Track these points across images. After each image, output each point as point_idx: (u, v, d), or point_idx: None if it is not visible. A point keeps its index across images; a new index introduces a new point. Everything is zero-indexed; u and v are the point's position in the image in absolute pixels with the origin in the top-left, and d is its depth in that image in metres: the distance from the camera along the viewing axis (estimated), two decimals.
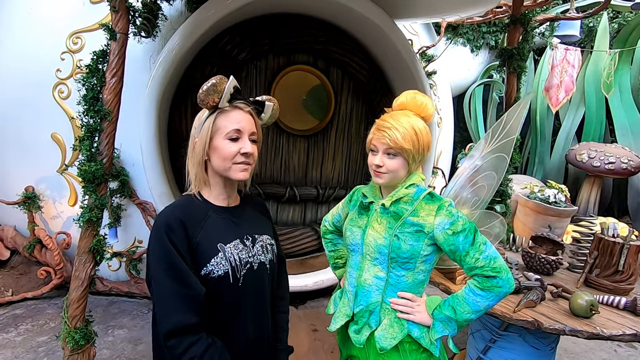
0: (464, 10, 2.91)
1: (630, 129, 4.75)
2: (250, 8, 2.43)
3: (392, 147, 1.03)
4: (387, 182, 1.09)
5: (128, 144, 2.62)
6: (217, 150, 0.96)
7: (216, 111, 0.96)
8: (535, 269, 1.98)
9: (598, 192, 4.58)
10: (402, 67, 2.89)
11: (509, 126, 1.57)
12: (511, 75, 2.41)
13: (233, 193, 1.06)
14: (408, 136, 1.03)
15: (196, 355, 0.85)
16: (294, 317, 2.83)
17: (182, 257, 0.89)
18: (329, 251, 1.40)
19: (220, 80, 0.94)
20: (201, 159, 0.97)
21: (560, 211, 3.44)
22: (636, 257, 1.76)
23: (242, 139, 0.97)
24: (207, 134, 0.95)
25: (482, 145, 1.67)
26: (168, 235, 0.89)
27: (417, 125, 1.05)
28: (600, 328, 1.42)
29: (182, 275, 0.88)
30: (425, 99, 1.09)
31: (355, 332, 1.14)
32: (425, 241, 1.05)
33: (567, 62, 4.22)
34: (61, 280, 2.84)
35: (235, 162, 0.97)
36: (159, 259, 0.89)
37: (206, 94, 0.93)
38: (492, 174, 1.55)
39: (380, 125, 1.06)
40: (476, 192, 1.59)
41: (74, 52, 2.70)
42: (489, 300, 1.03)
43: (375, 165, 1.08)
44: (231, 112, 0.97)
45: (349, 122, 3.33)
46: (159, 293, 0.88)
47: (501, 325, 1.76)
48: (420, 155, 1.07)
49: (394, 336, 1.08)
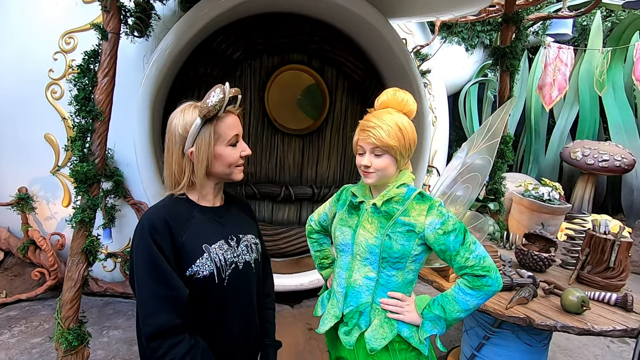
0: (458, 9, 2.91)
1: (623, 126, 4.79)
2: (244, 7, 2.43)
3: (378, 145, 1.04)
4: (377, 182, 1.09)
5: (122, 144, 2.61)
6: (221, 157, 0.97)
7: (213, 119, 0.95)
8: (528, 266, 1.99)
9: (592, 190, 4.62)
10: (396, 66, 2.89)
11: (494, 129, 1.60)
12: (504, 74, 2.43)
13: (220, 193, 1.07)
14: (393, 133, 1.03)
15: (177, 357, 0.85)
16: (290, 316, 2.84)
17: (166, 258, 0.88)
18: (314, 251, 1.38)
19: (225, 92, 0.93)
20: (206, 168, 0.96)
21: (554, 209, 3.46)
22: (627, 254, 1.78)
23: (240, 142, 1.00)
24: (210, 143, 0.94)
25: (468, 146, 1.70)
26: (152, 236, 0.88)
27: (401, 121, 1.05)
28: (591, 324, 1.44)
29: (166, 277, 0.87)
30: (406, 95, 1.09)
31: (345, 333, 1.14)
32: (416, 241, 1.06)
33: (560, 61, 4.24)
34: (55, 281, 2.83)
35: (237, 165, 1.00)
36: (142, 260, 0.88)
37: (214, 107, 0.91)
38: (476, 175, 1.58)
39: (364, 126, 1.07)
40: (462, 192, 1.64)
41: (67, 52, 2.68)
42: (478, 299, 1.04)
43: (363, 166, 1.08)
44: (227, 118, 0.97)
45: (344, 121, 3.34)
46: (142, 294, 0.87)
47: (494, 323, 1.77)
48: (407, 150, 1.08)
49: (384, 336, 1.08)
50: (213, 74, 2.78)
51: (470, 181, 1.59)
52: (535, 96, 5.00)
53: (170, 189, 1.00)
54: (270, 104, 3.07)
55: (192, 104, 0.97)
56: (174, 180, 0.98)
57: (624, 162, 4.17)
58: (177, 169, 0.97)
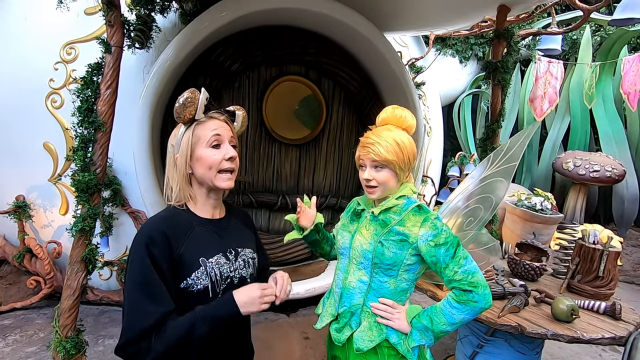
0: (451, 23, 3.01)
1: (614, 138, 4.89)
2: (243, 21, 2.49)
3: (377, 160, 1.09)
4: (379, 196, 1.15)
5: (121, 153, 2.63)
6: (201, 159, 0.97)
7: (193, 123, 0.99)
8: (520, 275, 2.03)
9: (584, 200, 4.69)
10: (391, 78, 2.96)
11: (512, 152, 1.59)
12: (496, 87, 2.49)
13: (218, 204, 1.07)
14: (391, 148, 1.08)
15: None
16: (286, 325, 2.85)
17: (160, 270, 0.89)
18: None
19: (194, 93, 0.96)
20: (185, 172, 0.98)
21: (546, 218, 3.52)
22: (615, 263, 1.82)
23: (224, 145, 0.99)
24: (188, 146, 0.97)
25: (482, 168, 1.69)
26: (148, 248, 0.89)
27: (399, 137, 1.11)
28: (580, 332, 1.48)
29: (154, 291, 0.88)
30: (404, 112, 1.15)
31: (337, 330, 1.19)
32: (409, 251, 1.10)
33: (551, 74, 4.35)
34: (51, 289, 2.82)
35: (221, 169, 0.98)
36: (134, 272, 0.89)
37: (183, 107, 0.95)
38: (489, 197, 1.57)
39: (364, 142, 1.13)
40: (472, 214, 1.63)
41: (68, 62, 2.72)
42: (464, 313, 1.06)
43: (365, 180, 1.14)
44: (208, 122, 0.99)
45: (340, 131, 3.39)
46: (128, 306, 0.88)
47: (488, 331, 1.80)
48: (406, 164, 1.13)
49: (372, 339, 1.12)
50: (212, 85, 2.83)
51: (482, 202, 1.59)
52: (528, 108, 5.10)
53: (167, 198, 1.02)
54: (268, 115, 3.12)
55: None
56: (167, 188, 1.01)
57: (614, 173, 4.26)
58: (169, 177, 1.00)
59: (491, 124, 2.53)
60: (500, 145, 1.68)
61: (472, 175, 1.77)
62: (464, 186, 1.76)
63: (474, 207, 1.64)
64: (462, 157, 4.42)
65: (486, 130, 2.56)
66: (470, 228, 1.63)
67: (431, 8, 2.61)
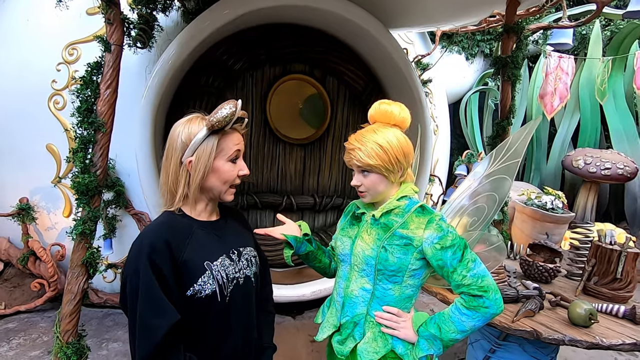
0: (458, 19, 2.94)
1: (625, 134, 4.78)
2: (246, 19, 2.44)
3: (360, 166, 1.05)
4: (371, 200, 1.10)
5: (124, 155, 2.60)
6: (218, 172, 0.95)
7: (219, 132, 0.94)
8: (533, 277, 1.97)
9: (595, 198, 4.57)
10: (397, 76, 2.90)
11: (514, 148, 1.53)
12: (505, 83, 2.43)
13: (215, 209, 1.05)
14: (372, 152, 1.02)
15: None
16: (291, 327, 2.80)
17: (164, 280, 0.86)
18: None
19: (237, 107, 0.93)
20: (201, 179, 0.94)
21: (557, 218, 3.43)
22: (634, 265, 1.75)
23: (239, 160, 0.99)
24: (211, 155, 0.93)
25: (485, 165, 1.63)
26: (151, 258, 0.85)
27: (383, 139, 1.03)
28: (599, 337, 1.41)
29: (157, 302, 0.85)
30: (391, 106, 1.07)
31: (339, 342, 1.13)
32: (414, 255, 1.04)
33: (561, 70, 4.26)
34: (55, 292, 2.80)
35: (232, 184, 0.98)
36: (135, 283, 0.85)
37: (223, 119, 0.91)
38: (493, 195, 1.51)
39: (347, 148, 1.08)
40: (476, 213, 1.57)
41: (70, 63, 2.70)
42: (474, 320, 0.99)
43: (355, 186, 1.10)
44: (232, 135, 0.97)
45: (345, 130, 3.34)
46: (133, 319, 0.85)
47: (500, 335, 1.74)
48: (394, 165, 1.05)
49: (377, 351, 1.06)
50: (215, 84, 2.79)
51: (485, 201, 1.53)
52: (536, 105, 5.01)
53: (164, 198, 0.98)
54: (272, 114, 3.07)
55: (200, 115, 0.97)
56: (167, 190, 0.96)
57: (626, 170, 4.14)
58: (173, 178, 0.95)
59: (501, 121, 2.47)
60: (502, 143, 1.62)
61: (474, 173, 1.71)
62: (467, 184, 1.70)
63: (478, 206, 1.58)
64: (469, 156, 4.34)
65: (496, 127, 2.50)
66: (474, 228, 1.57)
67: (438, 3, 2.55)
